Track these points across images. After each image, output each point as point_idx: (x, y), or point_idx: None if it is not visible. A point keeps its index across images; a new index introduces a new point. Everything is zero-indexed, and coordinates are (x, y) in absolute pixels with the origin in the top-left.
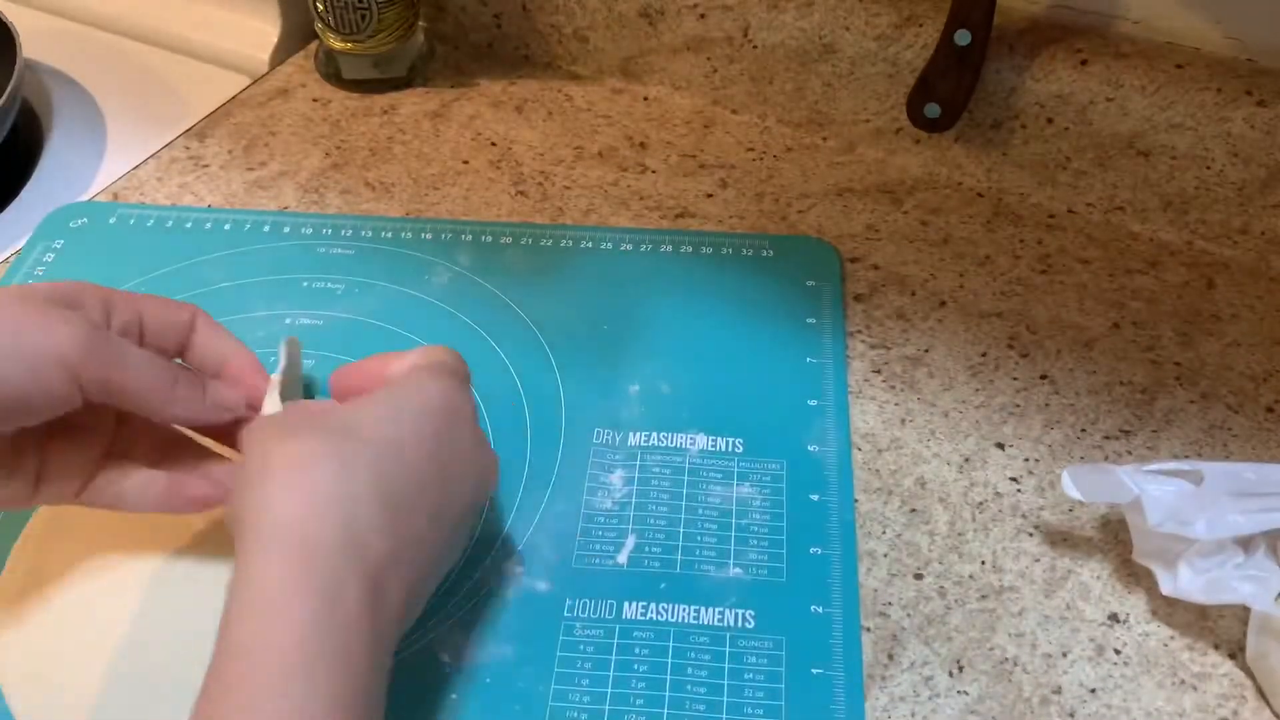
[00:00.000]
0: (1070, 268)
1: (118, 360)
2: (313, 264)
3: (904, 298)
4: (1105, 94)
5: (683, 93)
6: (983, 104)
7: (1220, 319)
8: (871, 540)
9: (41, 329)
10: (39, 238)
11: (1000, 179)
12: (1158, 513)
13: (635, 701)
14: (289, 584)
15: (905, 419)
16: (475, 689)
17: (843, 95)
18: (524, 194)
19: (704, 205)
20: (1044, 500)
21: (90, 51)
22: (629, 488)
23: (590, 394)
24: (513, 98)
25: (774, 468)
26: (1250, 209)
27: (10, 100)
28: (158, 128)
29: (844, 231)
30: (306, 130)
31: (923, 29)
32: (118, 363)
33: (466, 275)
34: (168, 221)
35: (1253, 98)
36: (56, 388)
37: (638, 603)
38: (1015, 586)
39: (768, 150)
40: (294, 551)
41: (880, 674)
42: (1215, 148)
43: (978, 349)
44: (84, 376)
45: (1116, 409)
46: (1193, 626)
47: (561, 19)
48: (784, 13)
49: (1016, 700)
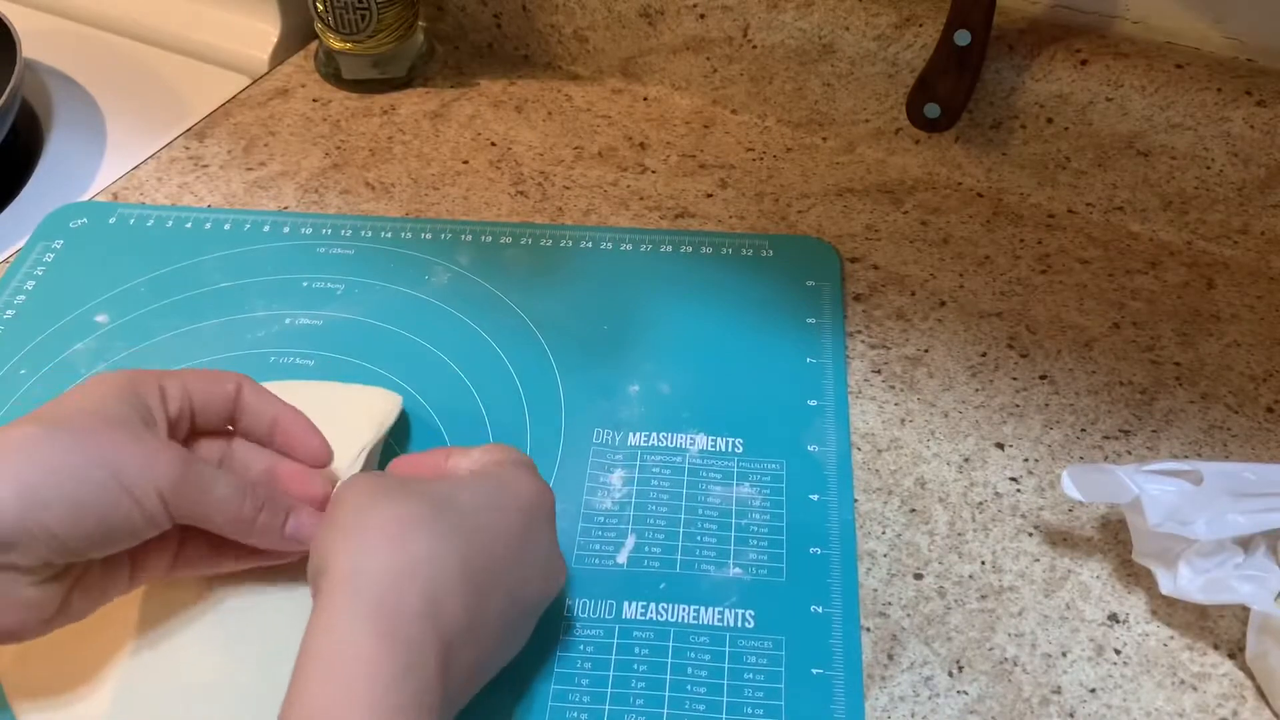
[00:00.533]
0: (1070, 268)
1: (207, 490)
2: (313, 264)
3: (904, 298)
4: (1105, 94)
5: (683, 93)
6: (983, 104)
7: (1220, 319)
8: (871, 540)
9: (141, 461)
10: (39, 238)
11: (1000, 179)
12: (1157, 513)
13: (635, 701)
14: (373, 642)
15: (905, 419)
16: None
17: (843, 95)
18: (524, 194)
19: (704, 205)
20: (1044, 500)
21: (90, 51)
22: (629, 488)
23: (590, 394)
24: (513, 98)
25: (774, 468)
26: (1250, 209)
27: (10, 100)
28: (158, 128)
29: (844, 231)
30: (306, 130)
31: (923, 29)
32: (206, 494)
33: (466, 275)
34: (168, 221)
35: (1253, 98)
36: (155, 516)
37: (637, 603)
38: (1015, 586)
39: (768, 150)
40: (381, 611)
41: (880, 674)
42: (1215, 148)
43: (978, 349)
44: (174, 507)
45: (1116, 409)
46: (1192, 626)
47: (561, 19)
48: (784, 13)
49: (1016, 700)
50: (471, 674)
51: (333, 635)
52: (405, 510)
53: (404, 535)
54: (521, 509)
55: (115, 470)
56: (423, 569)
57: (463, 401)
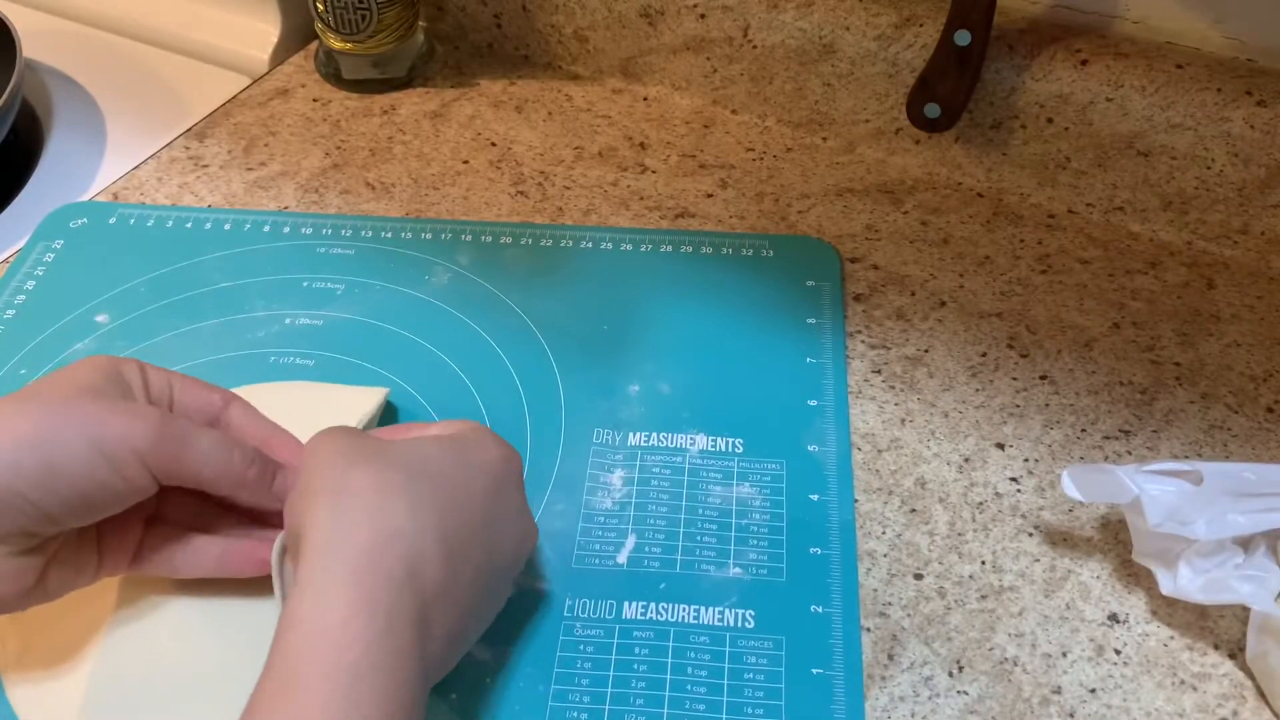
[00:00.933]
0: (1070, 268)
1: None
2: (313, 264)
3: (904, 298)
4: (1105, 94)
5: (683, 93)
6: (983, 104)
7: (1220, 319)
8: (871, 540)
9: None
10: (39, 238)
11: (1000, 179)
12: (1157, 513)
13: (635, 701)
14: (350, 607)
15: (905, 419)
16: (475, 689)
17: (843, 95)
18: (524, 194)
19: (704, 205)
20: (1044, 500)
21: (90, 51)
22: (629, 488)
23: (590, 394)
24: (513, 98)
25: (774, 468)
26: (1250, 209)
27: (10, 100)
28: (158, 128)
29: (844, 231)
30: (306, 130)
31: (923, 29)
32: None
33: (466, 275)
34: (168, 221)
35: (1253, 98)
36: (135, 479)
37: (637, 603)
38: (1015, 586)
39: (768, 150)
40: (359, 578)
41: (880, 674)
42: (1215, 148)
43: (978, 349)
44: (156, 466)
45: (1116, 409)
46: (1193, 626)
47: (561, 19)
48: (784, 13)
49: (1016, 700)
50: (450, 640)
51: (310, 600)
52: (383, 477)
53: (383, 505)
54: (489, 472)
55: (89, 434)
56: (403, 538)
57: (463, 401)
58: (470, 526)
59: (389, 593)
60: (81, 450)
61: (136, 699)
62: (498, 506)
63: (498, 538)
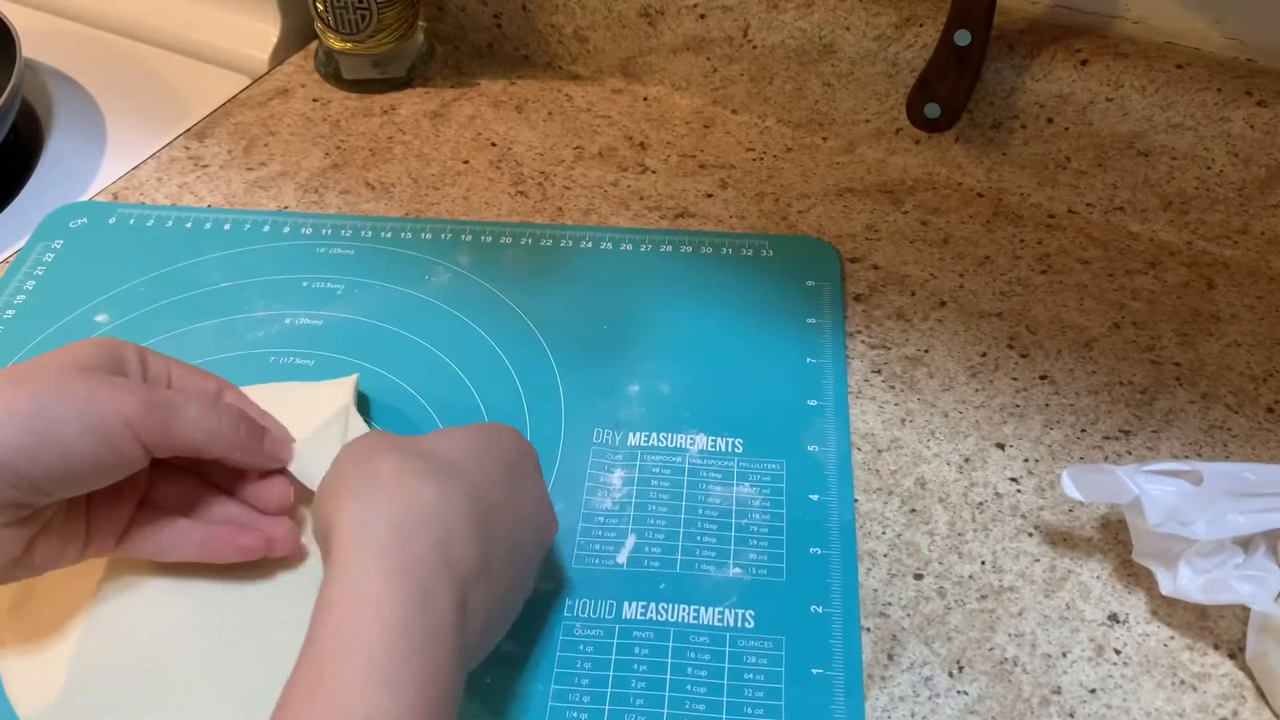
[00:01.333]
0: (1070, 268)
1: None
2: (313, 264)
3: (904, 298)
4: (1105, 94)
5: (683, 93)
6: (983, 104)
7: (1220, 319)
8: (871, 540)
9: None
10: (39, 238)
11: (1000, 179)
12: (1157, 513)
13: (635, 701)
14: (386, 585)
15: (905, 419)
16: (475, 689)
17: (843, 95)
18: (524, 194)
19: (704, 205)
20: (1044, 500)
21: (90, 51)
22: (629, 488)
23: (590, 394)
24: (513, 98)
25: (774, 468)
26: (1250, 209)
27: (10, 100)
28: (158, 128)
29: (844, 231)
30: (306, 130)
31: (923, 29)
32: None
33: (466, 275)
34: (168, 221)
35: (1253, 98)
36: (125, 450)
37: (637, 603)
38: (1015, 586)
39: (768, 150)
40: (394, 557)
41: (880, 674)
42: (1215, 148)
43: (978, 349)
44: (147, 436)
45: (1116, 409)
46: (1192, 626)
47: (561, 19)
48: (784, 13)
49: (1016, 700)
50: (486, 618)
51: (344, 581)
52: (411, 464)
53: (409, 489)
54: (509, 460)
55: (78, 407)
56: (434, 520)
57: (463, 401)
58: (496, 509)
59: (423, 571)
60: (73, 422)
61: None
62: (517, 493)
63: (520, 524)
